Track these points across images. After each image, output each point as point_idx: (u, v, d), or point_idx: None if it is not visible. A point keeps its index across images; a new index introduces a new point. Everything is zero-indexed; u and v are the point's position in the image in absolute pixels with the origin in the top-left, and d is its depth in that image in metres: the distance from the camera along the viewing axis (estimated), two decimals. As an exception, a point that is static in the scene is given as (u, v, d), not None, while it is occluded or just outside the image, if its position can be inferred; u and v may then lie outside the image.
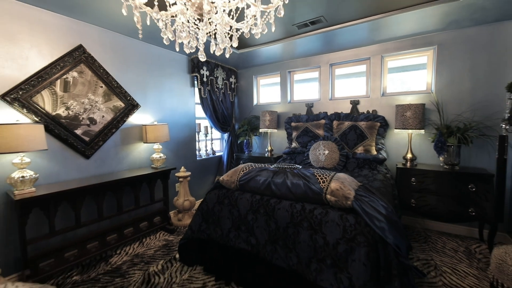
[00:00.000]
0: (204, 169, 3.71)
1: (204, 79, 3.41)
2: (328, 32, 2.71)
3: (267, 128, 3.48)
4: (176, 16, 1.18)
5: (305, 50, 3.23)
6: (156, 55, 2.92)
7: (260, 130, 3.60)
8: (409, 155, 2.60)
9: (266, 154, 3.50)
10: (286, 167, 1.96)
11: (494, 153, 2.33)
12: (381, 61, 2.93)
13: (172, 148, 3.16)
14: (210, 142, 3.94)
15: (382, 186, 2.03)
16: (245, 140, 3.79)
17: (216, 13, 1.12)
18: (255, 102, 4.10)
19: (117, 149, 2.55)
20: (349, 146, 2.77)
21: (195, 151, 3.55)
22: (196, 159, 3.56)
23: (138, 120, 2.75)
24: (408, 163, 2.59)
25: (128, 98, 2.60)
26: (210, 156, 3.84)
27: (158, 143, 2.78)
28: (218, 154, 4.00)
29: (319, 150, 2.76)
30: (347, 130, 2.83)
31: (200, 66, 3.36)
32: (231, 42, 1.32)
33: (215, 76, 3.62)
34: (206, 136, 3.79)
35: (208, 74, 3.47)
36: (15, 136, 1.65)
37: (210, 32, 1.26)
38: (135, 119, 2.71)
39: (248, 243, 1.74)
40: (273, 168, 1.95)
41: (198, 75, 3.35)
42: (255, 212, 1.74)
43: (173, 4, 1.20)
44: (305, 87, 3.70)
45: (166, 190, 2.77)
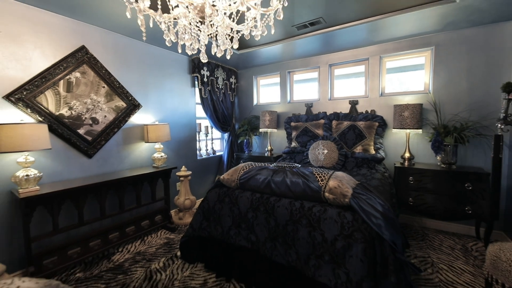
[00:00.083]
0: (205, 168, 3.74)
1: (205, 79, 3.44)
2: (327, 33, 2.74)
3: (267, 128, 3.51)
4: (178, 18, 1.21)
5: (304, 50, 3.27)
6: (157, 56, 2.96)
7: (260, 130, 3.63)
8: (407, 155, 2.64)
9: (266, 154, 3.53)
10: (285, 166, 1.99)
11: (490, 152, 2.37)
12: (379, 61, 2.97)
13: (173, 148, 3.19)
14: (210, 142, 3.97)
15: (380, 184, 2.06)
16: (245, 140, 3.82)
17: (218, 15, 1.15)
18: (255, 102, 4.13)
19: (119, 148, 2.59)
20: (348, 146, 2.81)
21: (196, 150, 3.59)
22: (197, 158, 3.60)
23: (140, 120, 2.78)
24: (406, 162, 2.62)
25: (129, 98, 2.64)
26: (211, 155, 3.87)
27: (159, 142, 2.82)
28: (218, 153, 4.04)
29: (318, 149, 2.79)
30: (346, 129, 2.86)
31: (200, 66, 3.39)
32: (232, 44, 1.35)
33: (216, 77, 3.65)
34: (207, 136, 3.82)
35: (208, 75, 3.51)
36: (20, 136, 1.68)
37: (211, 34, 1.29)
38: (136, 119, 2.74)
39: (248, 240, 1.77)
40: (272, 167, 1.99)
41: (199, 75, 3.38)
42: (255, 210, 1.77)
43: (175, 7, 1.23)
44: (304, 87, 3.74)
45: (167, 189, 2.81)
